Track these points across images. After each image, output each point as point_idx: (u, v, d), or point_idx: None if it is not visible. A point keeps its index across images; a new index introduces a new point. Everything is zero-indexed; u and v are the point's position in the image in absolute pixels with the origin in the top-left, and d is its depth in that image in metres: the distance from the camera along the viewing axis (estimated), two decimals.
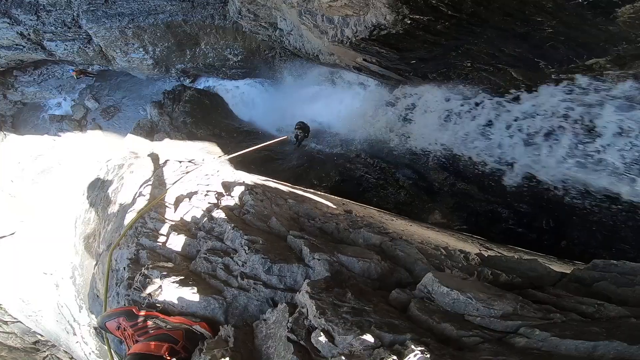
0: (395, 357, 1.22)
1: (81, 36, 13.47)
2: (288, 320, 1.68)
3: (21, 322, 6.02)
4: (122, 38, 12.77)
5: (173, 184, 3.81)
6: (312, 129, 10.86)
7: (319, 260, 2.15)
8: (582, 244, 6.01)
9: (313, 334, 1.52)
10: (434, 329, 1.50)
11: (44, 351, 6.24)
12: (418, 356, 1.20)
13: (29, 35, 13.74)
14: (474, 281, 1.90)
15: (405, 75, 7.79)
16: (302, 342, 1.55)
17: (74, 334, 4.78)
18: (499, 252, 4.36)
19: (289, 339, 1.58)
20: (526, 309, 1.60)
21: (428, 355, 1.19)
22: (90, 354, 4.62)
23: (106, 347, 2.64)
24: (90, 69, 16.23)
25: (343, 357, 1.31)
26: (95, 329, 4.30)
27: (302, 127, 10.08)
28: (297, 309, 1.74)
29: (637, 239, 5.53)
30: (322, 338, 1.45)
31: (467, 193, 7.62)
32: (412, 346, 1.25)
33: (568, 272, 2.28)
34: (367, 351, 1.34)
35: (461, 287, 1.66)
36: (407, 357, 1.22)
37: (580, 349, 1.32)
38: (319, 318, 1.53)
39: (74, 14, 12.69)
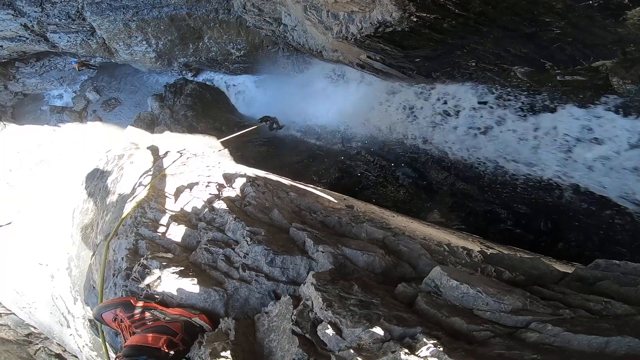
0: (406, 351, 1.18)
1: (85, 28, 13.42)
2: (292, 313, 1.63)
3: (14, 314, 5.96)
4: (126, 31, 12.72)
5: (168, 166, 3.77)
6: (313, 126, 10.96)
7: (322, 252, 2.11)
8: (579, 246, 6.04)
9: (319, 327, 1.48)
10: (442, 323, 1.46)
11: (37, 344, 6.18)
12: (431, 349, 1.16)
13: (33, 27, 13.68)
14: (481, 276, 1.87)
15: (409, 74, 7.76)
16: (307, 335, 1.50)
17: (68, 327, 4.72)
18: (499, 251, 4.34)
19: (293, 332, 1.53)
20: (535, 304, 1.58)
21: (441, 349, 1.15)
22: (83, 346, 4.56)
23: (100, 340, 2.59)
24: (92, 61, 16.16)
25: (352, 351, 1.27)
26: (90, 321, 4.24)
27: (266, 119, 11.39)
28: (302, 302, 1.70)
29: (632, 242, 5.56)
30: (329, 331, 1.41)
31: (466, 193, 7.64)
32: (424, 339, 1.21)
33: (568, 272, 2.26)
34: (377, 344, 1.30)
35: (470, 281, 1.63)
36: (420, 351, 1.18)
37: (592, 344, 1.30)
38: (326, 310, 1.49)
39: (79, 6, 12.64)
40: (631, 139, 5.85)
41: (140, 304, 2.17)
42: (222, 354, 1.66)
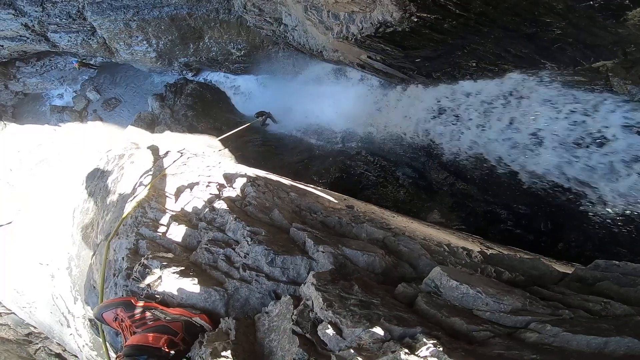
0: (406, 351, 1.18)
1: (85, 28, 13.44)
2: (293, 313, 1.64)
3: (14, 314, 5.95)
4: (126, 31, 12.75)
5: (168, 166, 3.77)
6: (314, 125, 11.04)
7: (323, 252, 2.11)
8: (579, 247, 6.04)
9: (319, 327, 1.48)
10: (442, 323, 1.46)
11: (37, 343, 6.17)
12: (431, 349, 1.16)
13: (34, 26, 13.69)
14: (481, 276, 1.87)
15: (409, 74, 7.76)
16: (307, 335, 1.51)
17: (68, 326, 4.71)
18: (499, 251, 4.34)
19: (294, 332, 1.54)
20: (535, 305, 1.58)
21: (441, 349, 1.16)
22: (83, 346, 4.56)
23: (101, 340, 2.60)
24: (92, 61, 16.18)
25: (352, 351, 1.27)
26: (90, 320, 4.24)
27: (261, 114, 11.85)
28: (302, 302, 1.70)
29: (632, 242, 5.55)
30: (330, 331, 1.41)
31: (466, 193, 7.64)
32: (424, 339, 1.22)
33: (568, 272, 2.26)
34: (377, 344, 1.30)
35: (469, 281, 1.63)
36: (419, 351, 1.18)
37: (592, 344, 1.30)
38: (326, 310, 1.49)
39: (79, 6, 12.65)
40: None
41: (140, 303, 2.17)
42: (223, 353, 1.67)
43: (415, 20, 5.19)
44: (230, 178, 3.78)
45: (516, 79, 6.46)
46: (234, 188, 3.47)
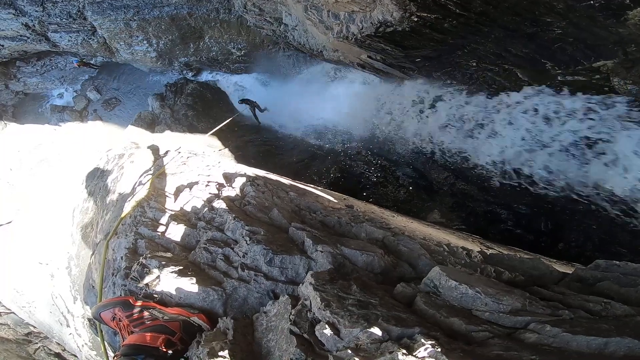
0: (404, 351, 1.17)
1: (86, 28, 13.45)
2: (291, 313, 1.63)
3: (14, 314, 5.94)
4: (127, 30, 12.75)
5: (166, 164, 3.76)
6: (314, 124, 11.08)
7: (322, 252, 2.10)
8: (579, 247, 6.03)
9: (317, 327, 1.47)
10: (441, 323, 1.45)
11: (36, 343, 6.17)
12: (429, 350, 1.15)
13: (34, 26, 13.70)
14: (480, 276, 1.86)
15: (410, 74, 7.75)
16: (305, 335, 1.49)
17: (68, 326, 4.71)
18: (499, 251, 4.33)
19: (291, 332, 1.53)
20: (534, 305, 1.57)
21: (439, 349, 1.15)
22: (83, 346, 4.55)
23: (99, 339, 2.59)
24: (93, 61, 16.18)
25: (349, 351, 1.26)
26: (89, 320, 4.24)
27: (245, 101, 11.62)
28: (300, 301, 1.69)
29: (633, 243, 5.53)
30: (327, 331, 1.40)
31: (466, 193, 7.63)
32: (422, 340, 1.21)
33: (568, 272, 2.25)
34: (375, 345, 1.29)
35: (469, 281, 1.62)
36: (417, 351, 1.17)
37: (592, 345, 1.29)
38: (324, 310, 1.48)
39: (80, 6, 12.66)
40: None
41: (139, 303, 2.17)
42: (220, 353, 1.66)
43: (416, 19, 5.18)
44: (229, 177, 3.78)
45: None
46: (233, 187, 3.47)
